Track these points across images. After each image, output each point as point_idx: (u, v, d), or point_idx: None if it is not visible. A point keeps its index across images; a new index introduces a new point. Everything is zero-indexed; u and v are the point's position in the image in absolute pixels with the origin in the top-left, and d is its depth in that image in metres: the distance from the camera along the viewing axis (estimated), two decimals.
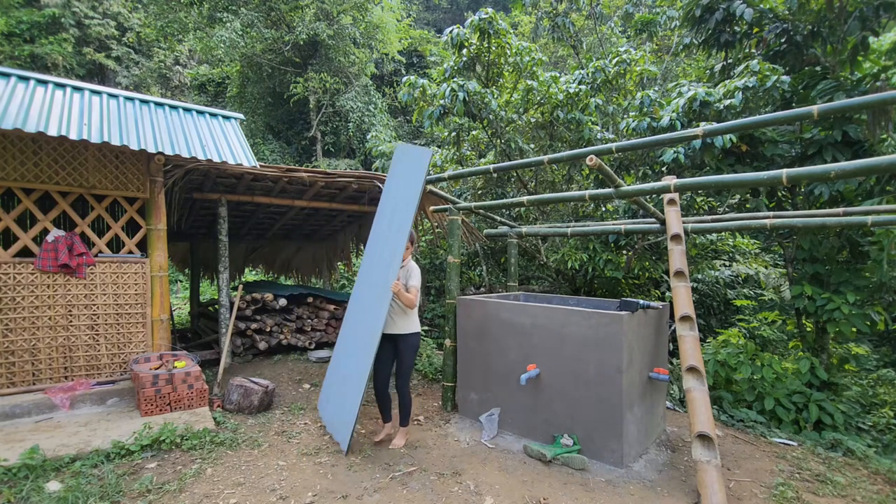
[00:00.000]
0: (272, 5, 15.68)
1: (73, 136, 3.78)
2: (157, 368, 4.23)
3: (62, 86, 4.33)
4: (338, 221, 8.55)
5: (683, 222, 4.30)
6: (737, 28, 6.05)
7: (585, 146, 6.96)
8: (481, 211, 5.66)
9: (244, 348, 6.42)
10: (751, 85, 5.09)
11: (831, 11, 5.40)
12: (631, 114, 6.50)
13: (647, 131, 5.93)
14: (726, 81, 5.44)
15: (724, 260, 10.09)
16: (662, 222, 4.29)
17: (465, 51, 7.11)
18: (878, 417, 5.63)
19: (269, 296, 6.68)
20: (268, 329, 6.55)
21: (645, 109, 6.27)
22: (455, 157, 8.58)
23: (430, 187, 5.48)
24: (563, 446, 3.56)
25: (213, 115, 5.15)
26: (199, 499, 2.89)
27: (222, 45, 15.12)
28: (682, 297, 3.54)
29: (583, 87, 7.03)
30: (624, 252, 7.17)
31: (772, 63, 5.59)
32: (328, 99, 16.70)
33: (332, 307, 7.29)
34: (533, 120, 7.62)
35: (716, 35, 6.13)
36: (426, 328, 9.25)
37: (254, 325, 6.45)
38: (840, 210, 4.20)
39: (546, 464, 3.48)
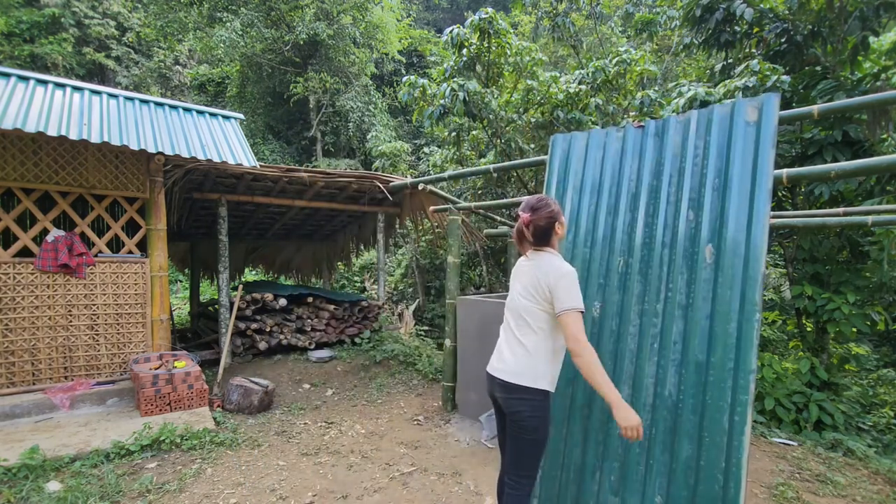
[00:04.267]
0: (272, 5, 15.67)
1: (72, 136, 3.78)
2: (157, 368, 4.23)
3: (62, 86, 4.33)
4: (338, 221, 8.56)
5: None
6: (737, 28, 6.05)
7: None
8: (481, 211, 5.66)
9: (244, 348, 6.42)
10: (751, 85, 5.09)
11: (831, 11, 5.40)
12: (631, 114, 6.49)
13: None
14: (726, 81, 5.44)
15: None
16: None
17: (465, 51, 7.11)
18: (879, 417, 5.63)
19: (269, 296, 6.68)
20: (268, 329, 6.55)
21: (645, 109, 6.27)
22: (455, 157, 8.59)
23: (430, 187, 5.48)
24: None
25: (213, 115, 5.16)
26: (198, 499, 2.89)
27: (222, 45, 15.11)
28: None
29: (583, 86, 7.02)
30: None
31: (772, 63, 5.59)
32: (328, 99, 16.70)
33: (332, 307, 7.29)
34: (533, 120, 7.62)
35: (716, 35, 6.13)
36: (426, 328, 9.23)
37: (254, 325, 6.45)
38: (840, 210, 4.20)
39: None
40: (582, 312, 1.93)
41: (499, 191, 8.24)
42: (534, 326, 2.02)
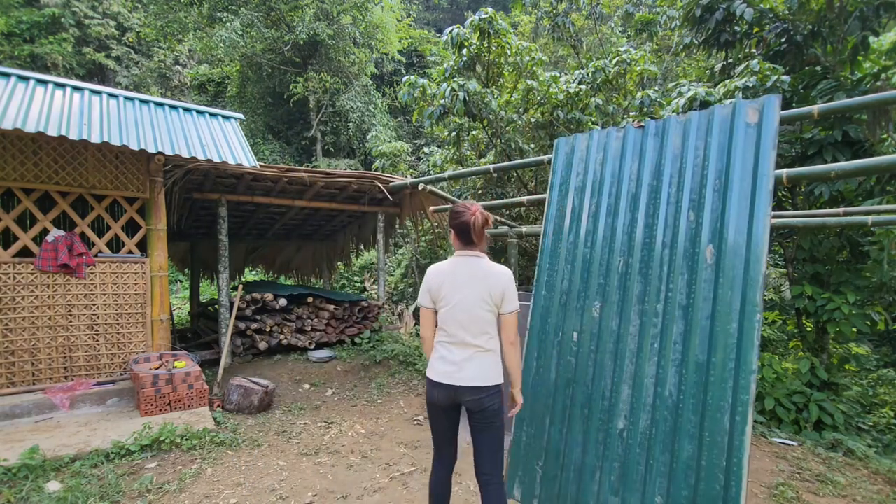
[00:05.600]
0: (272, 5, 15.68)
1: (73, 136, 3.78)
2: (157, 368, 4.23)
3: (62, 86, 4.33)
4: (338, 221, 8.55)
5: None
6: (737, 28, 6.05)
7: None
8: None
9: (244, 348, 6.42)
10: (751, 85, 5.08)
11: (831, 11, 5.40)
12: (631, 114, 6.50)
13: None
14: (726, 81, 5.43)
15: None
16: None
17: (465, 51, 7.11)
18: (879, 417, 5.63)
19: (269, 296, 6.68)
20: (268, 329, 6.55)
21: (645, 109, 6.27)
22: (455, 157, 8.58)
23: (430, 187, 5.48)
24: None
25: (212, 115, 5.15)
26: (198, 499, 2.89)
27: (222, 45, 15.11)
28: None
29: (583, 86, 7.02)
30: None
31: (772, 63, 5.58)
32: (328, 99, 16.70)
33: (332, 307, 7.29)
34: (533, 120, 7.62)
35: (716, 35, 6.13)
36: None
37: (254, 325, 6.45)
38: (840, 210, 4.19)
39: None
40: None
41: (499, 191, 8.24)
42: (492, 332, 2.17)
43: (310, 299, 7.14)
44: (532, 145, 7.85)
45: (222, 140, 4.79)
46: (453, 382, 2.14)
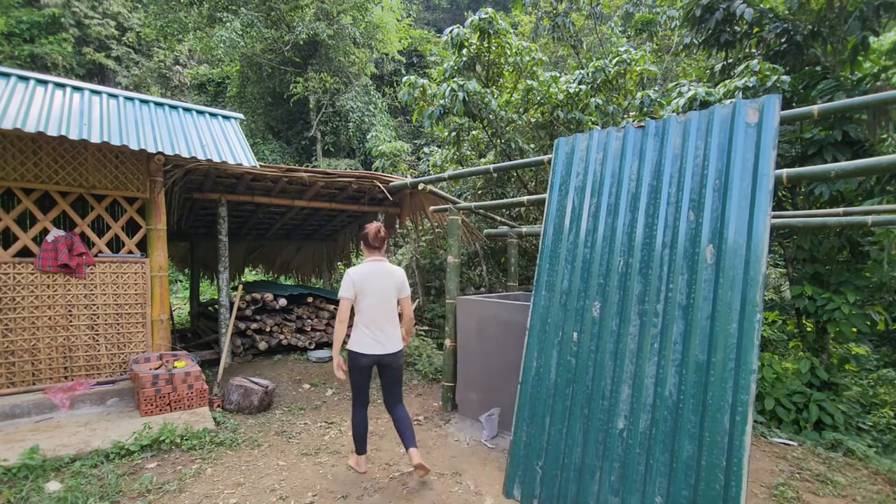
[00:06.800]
0: (272, 5, 15.68)
1: (72, 136, 3.78)
2: (157, 368, 4.22)
3: (62, 86, 4.32)
4: (338, 221, 8.55)
5: None
6: (737, 28, 6.05)
7: None
8: (481, 211, 5.66)
9: (244, 348, 6.42)
10: (751, 85, 5.08)
11: (831, 11, 5.40)
12: (631, 114, 6.49)
13: None
14: (726, 81, 5.44)
15: None
16: None
17: (465, 51, 7.11)
18: (879, 417, 5.63)
19: (269, 296, 6.68)
20: (268, 329, 6.55)
21: (645, 109, 6.27)
22: (455, 157, 8.58)
23: (430, 187, 5.48)
24: None
25: (212, 114, 5.15)
26: (198, 499, 2.89)
27: (222, 45, 15.12)
28: None
29: (583, 86, 7.02)
30: None
31: (772, 63, 5.59)
32: (328, 99, 16.70)
33: (332, 307, 7.29)
34: (533, 120, 7.62)
35: (716, 35, 6.13)
36: (426, 328, 9.24)
37: (254, 325, 6.45)
38: (840, 210, 4.19)
39: None
40: None
41: (499, 191, 8.23)
42: (396, 311, 3.11)
43: (310, 299, 7.14)
44: (532, 145, 7.85)
45: (222, 140, 4.79)
46: (382, 352, 3.03)
